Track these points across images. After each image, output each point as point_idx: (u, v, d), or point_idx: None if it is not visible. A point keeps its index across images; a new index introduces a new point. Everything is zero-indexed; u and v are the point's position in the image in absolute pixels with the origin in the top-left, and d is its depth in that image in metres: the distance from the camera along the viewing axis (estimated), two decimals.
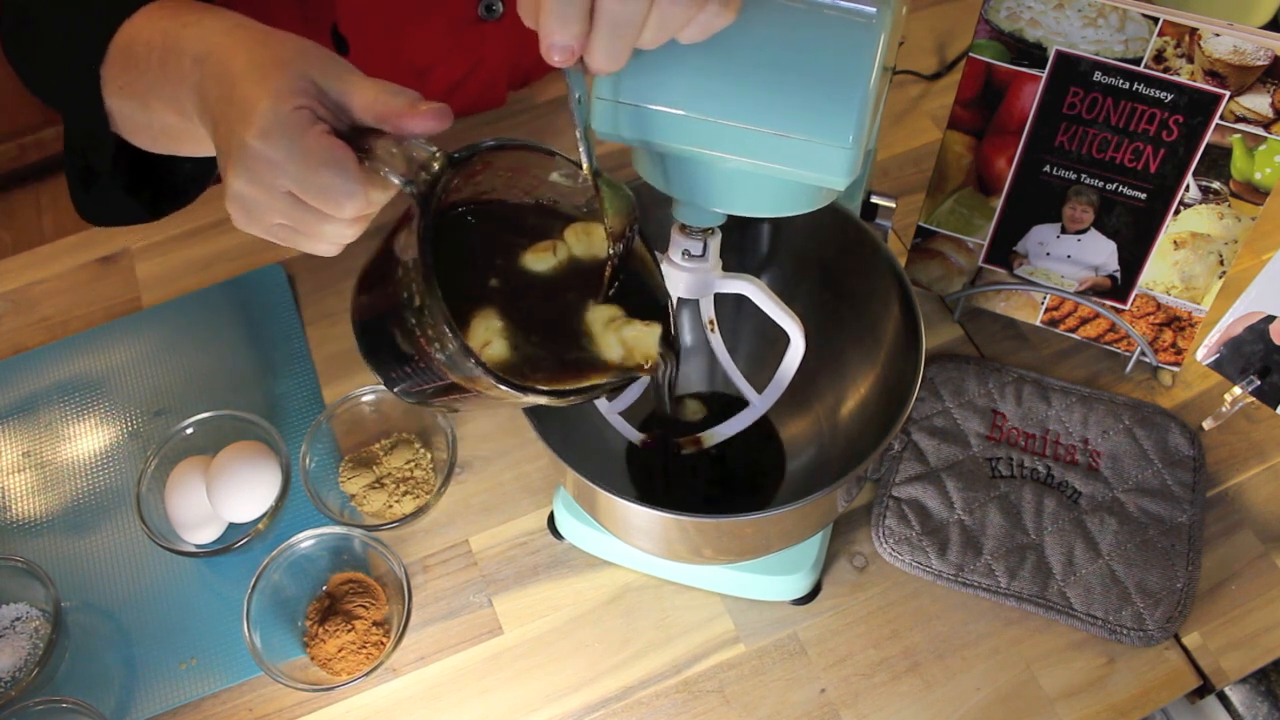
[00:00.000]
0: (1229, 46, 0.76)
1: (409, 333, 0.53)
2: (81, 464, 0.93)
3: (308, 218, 0.55)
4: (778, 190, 0.57)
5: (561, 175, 0.59)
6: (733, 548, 0.75)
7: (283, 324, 1.00)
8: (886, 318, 0.78)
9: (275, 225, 0.56)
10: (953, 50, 1.17)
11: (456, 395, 0.57)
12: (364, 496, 0.89)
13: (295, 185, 0.53)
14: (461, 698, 0.83)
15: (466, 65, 1.04)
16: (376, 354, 0.58)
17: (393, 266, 0.54)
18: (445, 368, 0.53)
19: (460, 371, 0.53)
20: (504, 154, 0.55)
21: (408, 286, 0.52)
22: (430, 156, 0.53)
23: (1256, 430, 0.92)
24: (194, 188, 0.81)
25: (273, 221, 0.56)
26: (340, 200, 0.53)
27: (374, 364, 0.59)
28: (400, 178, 0.53)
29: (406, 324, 0.53)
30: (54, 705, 0.78)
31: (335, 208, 0.54)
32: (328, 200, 0.53)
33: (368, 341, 0.59)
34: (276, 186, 0.53)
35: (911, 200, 1.04)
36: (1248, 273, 0.86)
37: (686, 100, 0.52)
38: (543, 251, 0.59)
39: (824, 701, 0.82)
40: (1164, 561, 0.84)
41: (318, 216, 0.55)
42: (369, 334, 0.59)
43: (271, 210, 0.55)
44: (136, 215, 0.79)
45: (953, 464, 0.90)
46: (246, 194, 0.54)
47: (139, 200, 0.78)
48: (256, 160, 0.53)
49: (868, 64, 0.50)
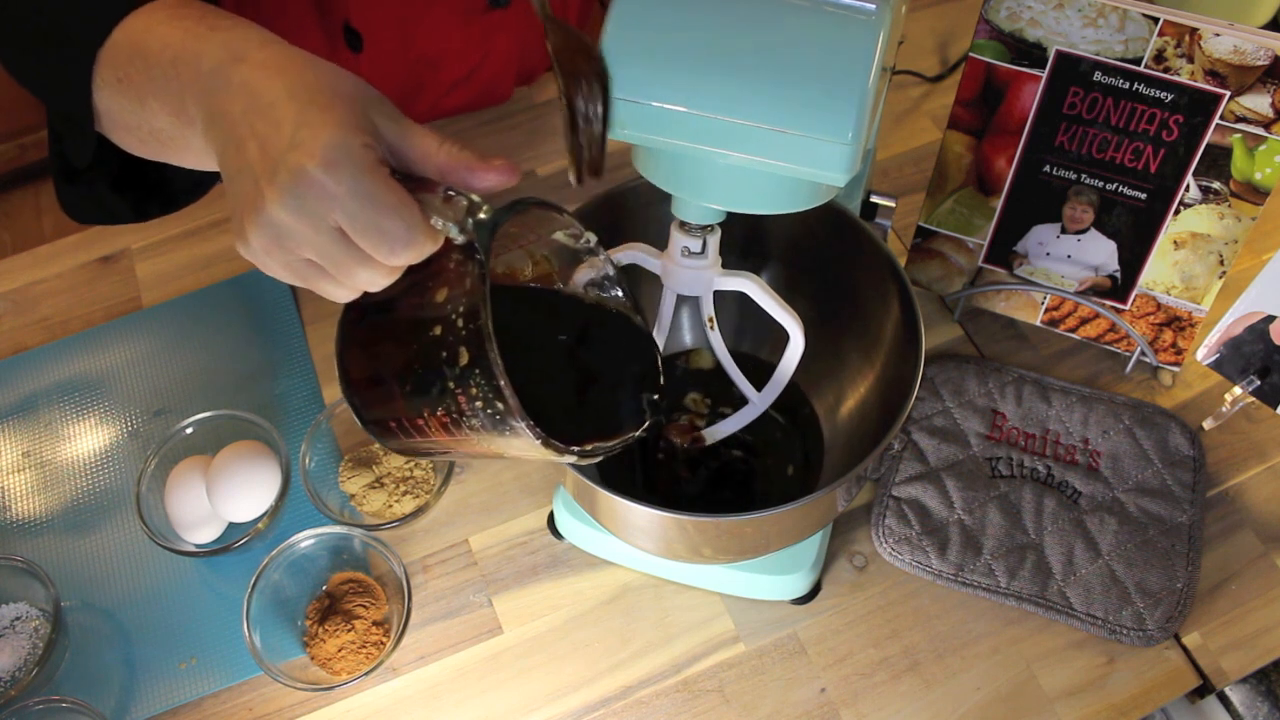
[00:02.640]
0: (1229, 46, 0.76)
1: (444, 391, 0.52)
2: (81, 464, 0.93)
3: (347, 259, 0.51)
4: (777, 187, 0.58)
5: (565, 235, 0.59)
6: (732, 547, 0.75)
7: (283, 324, 1.00)
8: (886, 318, 0.78)
9: (302, 261, 0.52)
10: (953, 50, 1.17)
11: (465, 449, 0.57)
12: (364, 496, 0.89)
13: (350, 223, 0.50)
14: (461, 697, 0.83)
15: (476, 57, 1.04)
16: (382, 406, 0.56)
17: (423, 322, 0.53)
18: (478, 427, 0.53)
19: (499, 430, 0.52)
20: (531, 212, 0.56)
21: (450, 344, 0.51)
22: (480, 210, 0.52)
23: (1256, 430, 0.92)
24: (184, 195, 0.79)
25: (302, 256, 0.52)
26: (396, 248, 0.50)
27: (375, 419, 0.57)
28: (458, 231, 0.51)
29: (439, 383, 0.52)
30: (54, 705, 0.78)
31: (387, 253, 0.51)
32: (382, 244, 0.50)
33: (371, 395, 0.57)
34: (326, 220, 0.50)
35: (911, 200, 1.04)
36: (1248, 273, 0.86)
37: (686, 96, 0.53)
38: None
39: (824, 701, 0.82)
40: (1164, 561, 0.84)
41: (359, 259, 0.51)
42: (374, 388, 0.57)
43: (308, 244, 0.51)
44: (121, 215, 0.76)
45: (953, 464, 0.90)
46: (284, 223, 0.50)
47: (125, 200, 0.76)
48: (312, 189, 0.49)
49: (867, 60, 0.50)
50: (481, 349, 0.50)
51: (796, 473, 0.85)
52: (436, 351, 0.52)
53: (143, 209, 0.77)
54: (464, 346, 0.51)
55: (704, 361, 0.89)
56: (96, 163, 0.69)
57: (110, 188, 0.74)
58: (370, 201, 0.49)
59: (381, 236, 0.50)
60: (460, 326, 0.51)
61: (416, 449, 0.59)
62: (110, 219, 0.77)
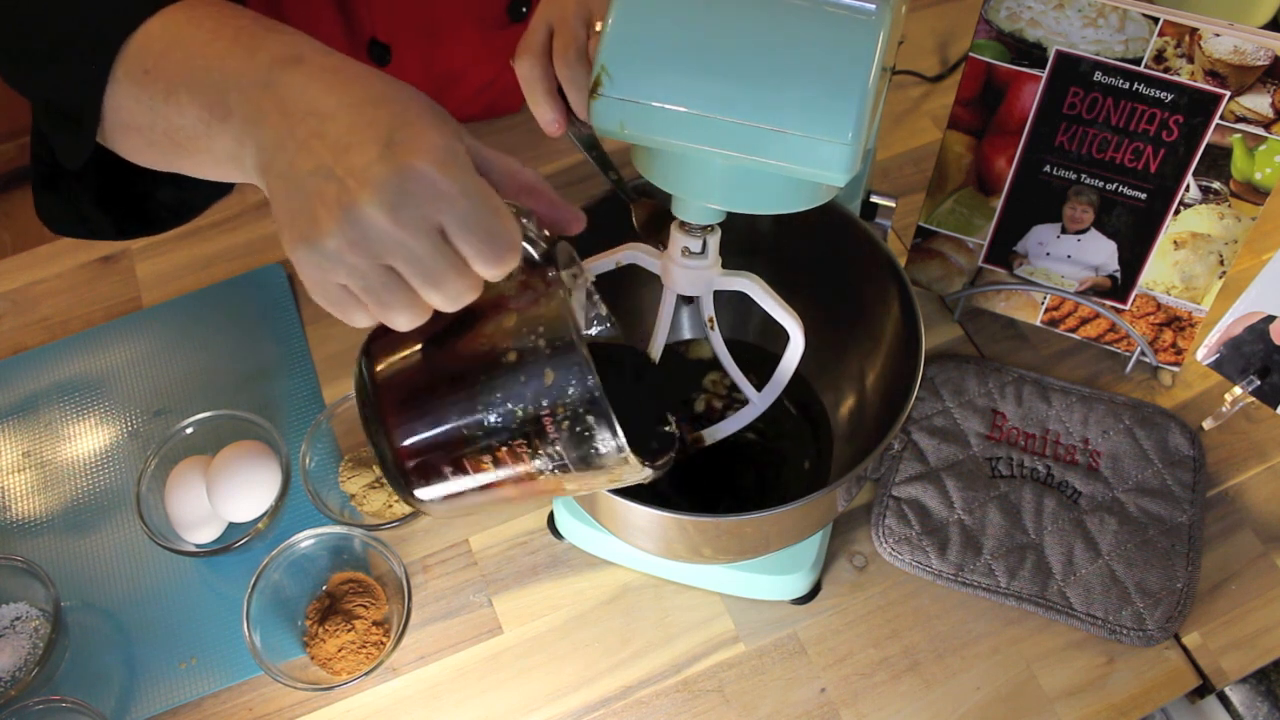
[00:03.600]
0: (1229, 46, 0.76)
1: (524, 419, 0.51)
2: (81, 464, 0.93)
3: (443, 266, 0.48)
4: (777, 187, 0.58)
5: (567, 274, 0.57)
6: (732, 547, 0.75)
7: (283, 324, 1.00)
8: (886, 318, 0.78)
9: (380, 272, 0.48)
10: (953, 50, 1.17)
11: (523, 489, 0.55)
12: (364, 496, 0.89)
13: (460, 223, 0.47)
14: (461, 697, 0.83)
15: (494, 70, 1.06)
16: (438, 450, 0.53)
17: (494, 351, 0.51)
18: (556, 453, 0.52)
19: (580, 448, 0.52)
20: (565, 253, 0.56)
21: (531, 367, 0.51)
22: (543, 232, 0.52)
23: (1256, 430, 0.92)
24: (169, 217, 0.76)
25: (382, 264, 0.48)
26: (502, 253, 0.48)
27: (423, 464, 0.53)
28: (538, 253, 0.51)
29: (521, 409, 0.51)
30: (54, 705, 0.78)
31: (492, 257, 0.48)
32: (489, 247, 0.48)
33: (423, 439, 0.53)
34: (429, 221, 0.47)
35: (911, 200, 1.04)
36: (1248, 273, 0.86)
37: (687, 96, 0.52)
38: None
39: (824, 701, 0.82)
40: (1164, 561, 0.84)
41: (454, 268, 0.48)
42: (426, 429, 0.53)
43: (398, 249, 0.47)
44: (101, 230, 0.74)
45: (953, 464, 0.89)
46: (377, 223, 0.47)
47: (106, 216, 0.73)
48: (420, 186, 0.46)
49: (867, 60, 0.50)
50: (570, 365, 0.50)
51: (796, 473, 0.85)
52: (515, 377, 0.51)
53: (123, 227, 0.74)
54: (549, 367, 0.50)
55: (704, 352, 0.89)
56: (82, 172, 0.66)
57: (93, 201, 0.72)
58: (483, 202, 0.48)
59: (491, 239, 0.48)
60: (543, 347, 0.50)
61: (460, 497, 0.56)
62: (89, 233, 0.74)
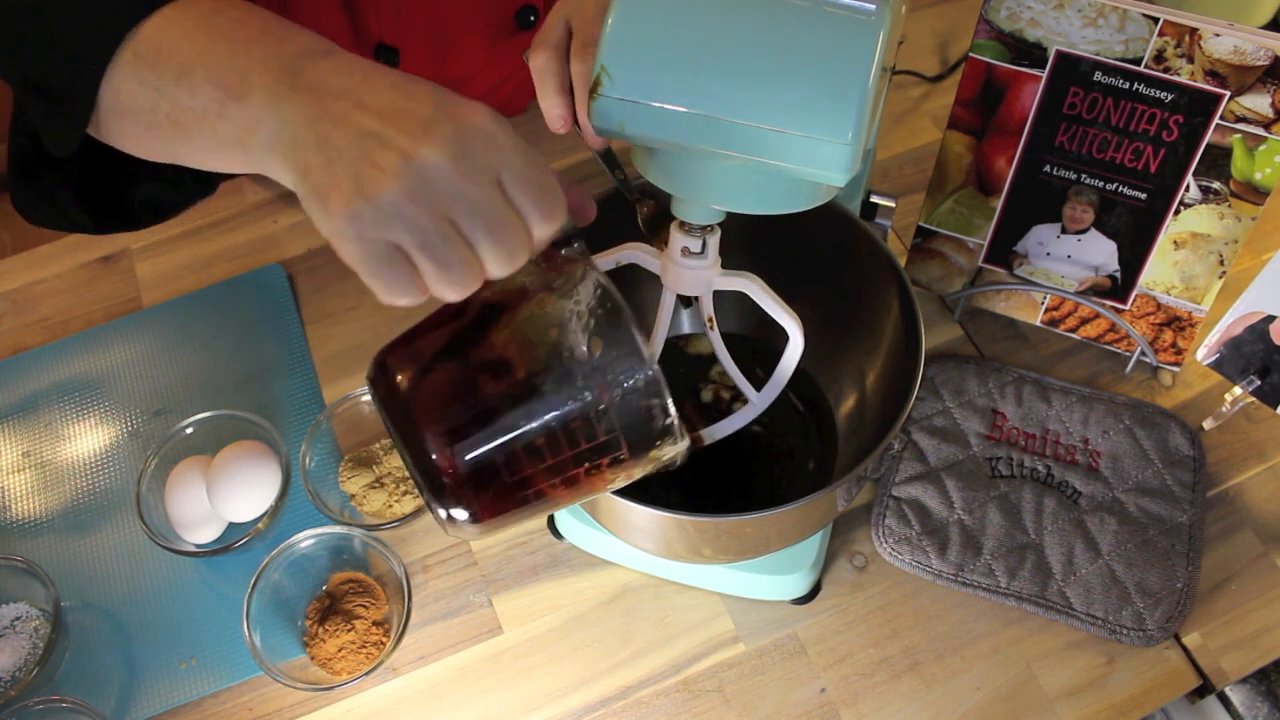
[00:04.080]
0: (1229, 46, 0.76)
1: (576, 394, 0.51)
2: (81, 464, 0.93)
3: (505, 217, 0.48)
4: (777, 187, 0.58)
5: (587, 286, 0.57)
6: (732, 547, 0.75)
7: (283, 324, 1.00)
8: (886, 318, 0.78)
9: (440, 224, 0.48)
10: (953, 50, 1.17)
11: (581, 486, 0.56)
12: (364, 496, 0.89)
13: (517, 175, 0.49)
14: (461, 697, 0.83)
15: (502, 74, 1.06)
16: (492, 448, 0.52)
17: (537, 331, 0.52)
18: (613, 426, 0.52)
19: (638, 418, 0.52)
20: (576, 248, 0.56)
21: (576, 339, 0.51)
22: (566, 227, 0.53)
23: (1256, 430, 0.92)
24: (148, 215, 0.76)
25: (446, 215, 0.48)
26: (555, 205, 0.49)
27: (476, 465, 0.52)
28: (563, 233, 0.52)
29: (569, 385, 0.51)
30: (54, 705, 0.78)
31: (548, 211, 0.49)
32: (545, 199, 0.49)
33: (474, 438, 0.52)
34: (490, 171, 0.48)
35: (911, 200, 1.04)
36: (1248, 273, 0.86)
37: (686, 96, 0.53)
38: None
39: (824, 701, 0.82)
40: (1164, 561, 0.84)
41: (515, 222, 0.49)
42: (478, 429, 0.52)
43: (462, 200, 0.48)
44: (79, 223, 0.73)
45: (953, 464, 0.90)
46: (441, 173, 0.47)
47: (84, 209, 0.72)
48: (480, 139, 0.48)
49: (867, 60, 0.50)
50: (618, 329, 0.51)
51: (816, 467, 0.85)
52: (560, 354, 0.51)
53: (101, 221, 0.74)
54: (596, 336, 0.51)
55: (704, 347, 0.89)
56: (61, 165, 0.65)
57: (70, 195, 0.71)
58: (534, 158, 0.49)
59: (545, 192, 0.49)
60: (585, 316, 0.51)
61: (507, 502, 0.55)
62: (66, 225, 0.73)
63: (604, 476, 0.56)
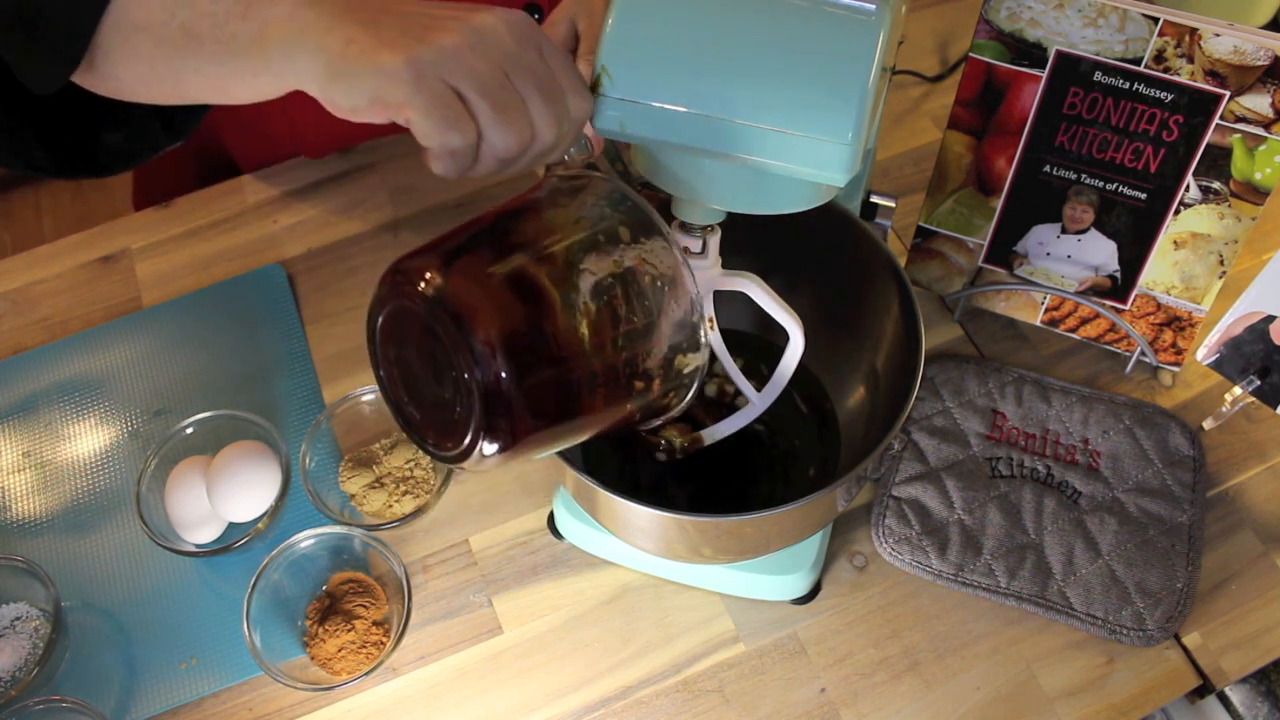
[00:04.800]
0: (1229, 46, 0.76)
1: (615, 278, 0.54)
2: (81, 464, 0.93)
3: (552, 79, 0.52)
4: (777, 187, 0.58)
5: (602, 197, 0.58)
6: (732, 547, 0.75)
7: (283, 324, 1.00)
8: (886, 318, 0.78)
9: (498, 75, 0.50)
10: (953, 50, 1.17)
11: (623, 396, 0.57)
12: (364, 496, 0.89)
13: (559, 60, 0.52)
14: (461, 697, 0.83)
15: None
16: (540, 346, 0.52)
17: (571, 234, 0.54)
18: (650, 307, 0.55)
19: (665, 298, 0.55)
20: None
21: (608, 230, 0.54)
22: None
23: (1256, 430, 0.92)
24: (117, 162, 0.76)
25: (503, 69, 0.50)
26: (588, 95, 0.53)
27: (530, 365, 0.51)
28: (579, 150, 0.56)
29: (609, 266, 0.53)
30: (54, 705, 0.78)
31: (582, 90, 0.53)
32: (582, 88, 0.53)
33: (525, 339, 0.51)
34: (539, 47, 0.51)
35: (911, 200, 1.04)
36: (1248, 273, 0.86)
37: (687, 96, 0.53)
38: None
39: (824, 701, 0.82)
40: (1164, 561, 0.84)
41: (559, 87, 0.52)
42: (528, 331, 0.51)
43: (517, 60, 0.51)
44: (41, 166, 0.72)
45: (953, 464, 0.90)
46: (498, 34, 0.50)
47: (48, 155, 0.72)
48: (525, 26, 0.51)
49: (867, 60, 0.50)
50: (641, 217, 0.53)
51: (796, 473, 0.85)
52: (592, 246, 0.53)
53: (67, 166, 0.74)
54: (623, 226, 0.54)
55: None
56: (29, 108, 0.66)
57: (34, 138, 0.71)
58: (562, 55, 0.53)
59: (581, 83, 0.53)
60: (610, 212, 0.54)
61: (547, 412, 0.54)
62: (23, 165, 0.73)
63: (634, 386, 0.57)
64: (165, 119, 0.78)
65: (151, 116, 0.77)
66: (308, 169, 1.09)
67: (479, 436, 0.51)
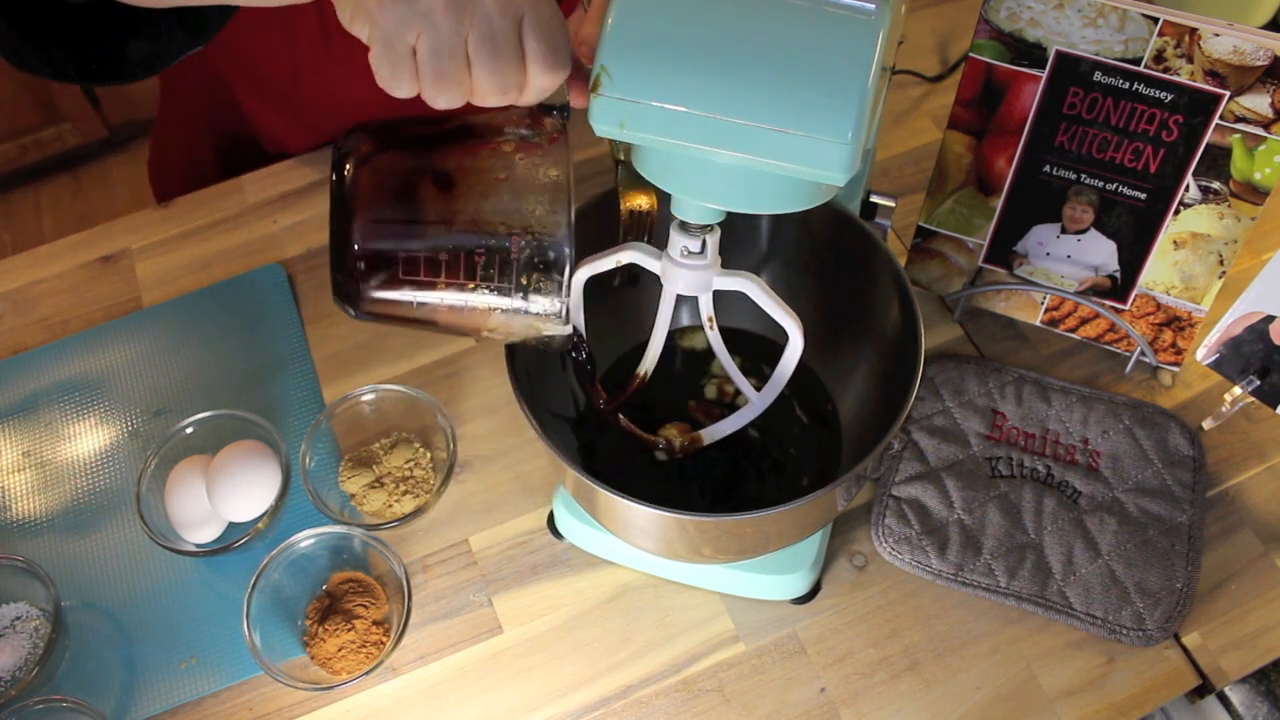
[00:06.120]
0: (1229, 46, 0.76)
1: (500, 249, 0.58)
2: (81, 464, 0.93)
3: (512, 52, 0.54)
4: (777, 187, 0.58)
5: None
6: (732, 547, 0.75)
7: (283, 324, 1.00)
8: (886, 318, 0.78)
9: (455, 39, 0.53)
10: (953, 50, 1.17)
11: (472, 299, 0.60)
12: (364, 496, 0.89)
13: (537, 23, 0.54)
14: (461, 697, 0.83)
15: None
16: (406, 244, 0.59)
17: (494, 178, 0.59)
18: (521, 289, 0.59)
19: (536, 292, 0.59)
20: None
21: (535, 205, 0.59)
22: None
23: (1256, 430, 0.92)
24: (138, 68, 0.78)
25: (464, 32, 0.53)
26: (560, 62, 0.55)
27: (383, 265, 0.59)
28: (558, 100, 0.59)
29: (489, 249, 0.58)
30: (54, 704, 0.78)
31: (551, 64, 0.54)
32: (554, 54, 0.54)
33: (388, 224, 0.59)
34: (516, 10, 0.53)
35: (911, 200, 1.04)
36: (1248, 273, 0.86)
37: (686, 96, 0.53)
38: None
39: (824, 700, 0.82)
40: (1164, 561, 0.84)
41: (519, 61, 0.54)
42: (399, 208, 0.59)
43: (485, 22, 0.53)
44: (63, 71, 0.75)
45: (952, 463, 0.90)
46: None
47: (70, 60, 0.74)
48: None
49: (867, 59, 0.50)
50: (557, 198, 0.58)
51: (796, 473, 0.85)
52: (500, 194, 0.58)
53: (89, 71, 0.76)
54: (535, 195, 0.59)
55: (698, 341, 0.89)
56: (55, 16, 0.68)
57: (58, 44, 0.73)
58: (557, 14, 0.54)
59: (556, 48, 0.54)
60: (536, 175, 0.58)
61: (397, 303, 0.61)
62: (49, 72, 0.75)
63: (486, 315, 0.61)
64: (184, 23, 0.80)
65: (174, 24, 0.78)
66: (308, 169, 1.09)
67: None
